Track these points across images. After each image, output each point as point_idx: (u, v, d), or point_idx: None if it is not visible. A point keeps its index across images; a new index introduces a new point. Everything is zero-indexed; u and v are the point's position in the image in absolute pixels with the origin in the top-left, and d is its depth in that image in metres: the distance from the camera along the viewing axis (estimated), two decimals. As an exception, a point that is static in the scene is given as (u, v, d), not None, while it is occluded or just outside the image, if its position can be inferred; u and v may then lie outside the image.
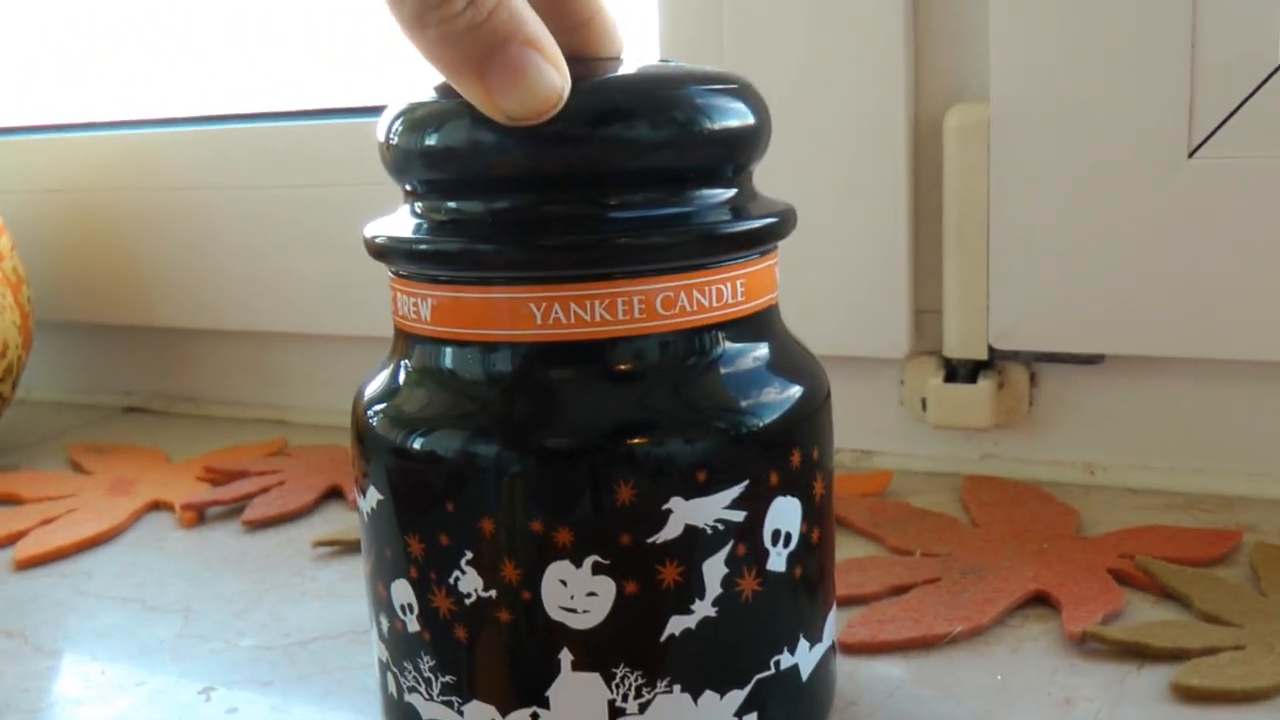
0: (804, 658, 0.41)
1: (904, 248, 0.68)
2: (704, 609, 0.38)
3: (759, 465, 0.38)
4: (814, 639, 0.42)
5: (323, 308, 0.87)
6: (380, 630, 0.42)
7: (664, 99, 0.38)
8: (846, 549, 0.61)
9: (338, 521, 0.70)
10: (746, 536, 0.38)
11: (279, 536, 0.69)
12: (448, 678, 0.40)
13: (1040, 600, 0.55)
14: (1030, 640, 0.52)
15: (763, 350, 0.41)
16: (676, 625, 0.38)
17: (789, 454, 0.39)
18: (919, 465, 0.73)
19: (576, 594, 0.37)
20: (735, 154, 0.40)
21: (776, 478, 0.39)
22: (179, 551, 0.68)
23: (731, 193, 0.40)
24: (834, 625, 0.44)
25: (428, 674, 0.40)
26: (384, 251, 0.40)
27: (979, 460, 0.71)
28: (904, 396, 0.72)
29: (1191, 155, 0.62)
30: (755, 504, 0.38)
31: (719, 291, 0.39)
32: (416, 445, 0.38)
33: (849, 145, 0.68)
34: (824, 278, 0.70)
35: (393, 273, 0.41)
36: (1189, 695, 0.47)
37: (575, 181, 0.37)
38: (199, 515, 0.72)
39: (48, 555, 0.67)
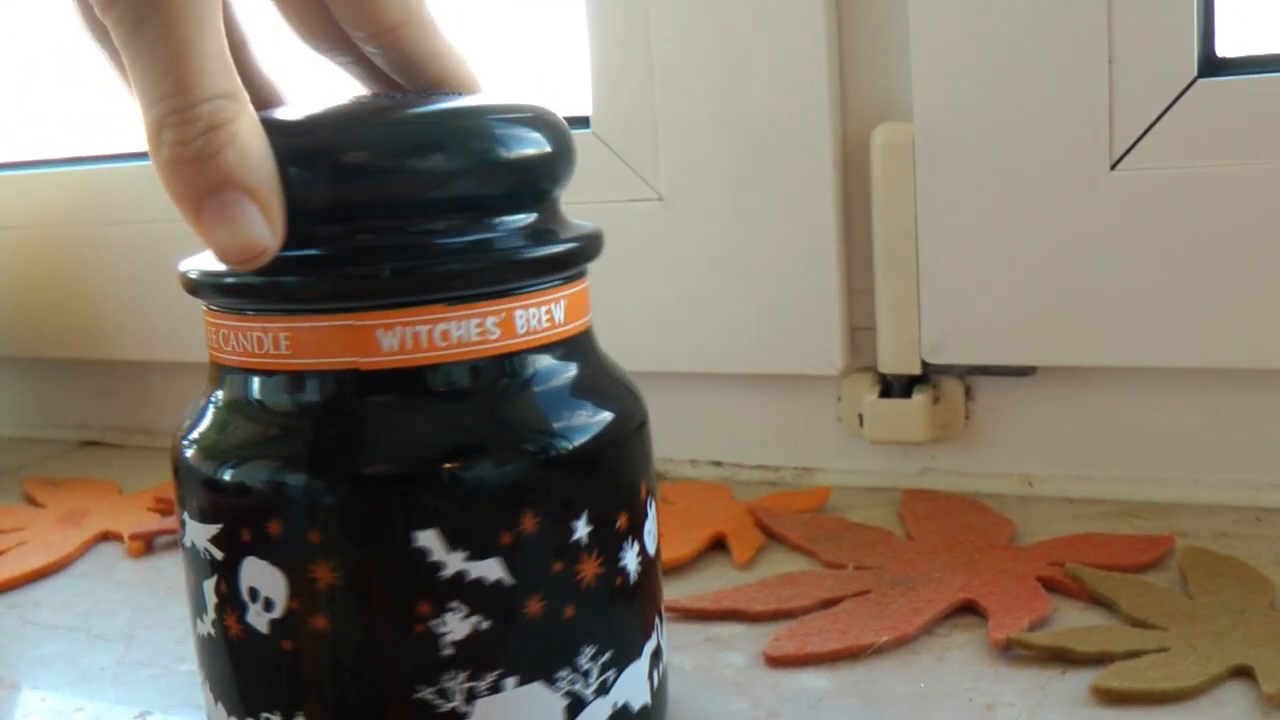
0: None
1: (835, 265, 0.69)
2: (204, 628, 0.41)
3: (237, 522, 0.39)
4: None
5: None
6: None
7: (461, 129, 0.39)
8: (780, 564, 0.62)
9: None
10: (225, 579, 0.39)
11: (224, 564, 0.69)
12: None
13: (969, 609, 0.56)
14: (956, 649, 0.53)
15: (571, 373, 0.41)
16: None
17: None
18: (858, 481, 0.73)
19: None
20: (534, 180, 0.40)
21: (249, 536, 0.39)
22: (126, 580, 0.68)
23: (533, 218, 0.41)
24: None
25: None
26: (195, 287, 0.41)
27: (917, 474, 0.72)
28: (841, 413, 0.73)
29: (1114, 167, 0.63)
30: (229, 551, 0.39)
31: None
32: (226, 476, 0.39)
33: (778, 166, 0.69)
34: (758, 297, 0.71)
35: (206, 306, 0.41)
36: (1109, 698, 0.47)
37: (379, 212, 0.38)
38: (147, 545, 0.73)
39: (-3, 587, 0.67)
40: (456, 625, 0.38)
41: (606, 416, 0.41)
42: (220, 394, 0.41)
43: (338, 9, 0.43)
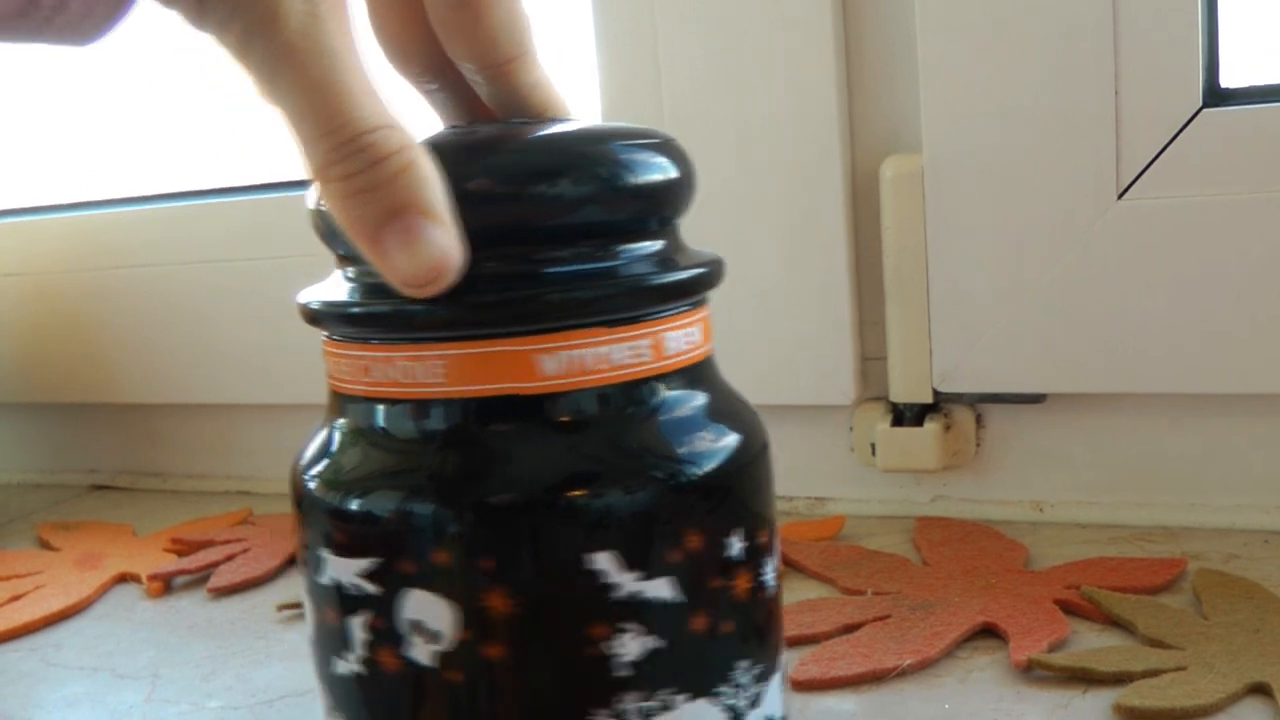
0: None
1: (847, 297, 0.70)
2: (351, 665, 0.39)
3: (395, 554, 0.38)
4: None
5: (283, 377, 0.88)
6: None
7: (587, 155, 0.38)
8: (799, 591, 0.63)
9: (301, 586, 0.71)
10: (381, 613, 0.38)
11: (244, 603, 0.70)
12: None
13: (989, 632, 0.56)
14: (978, 671, 0.53)
15: (704, 396, 0.41)
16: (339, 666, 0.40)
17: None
18: (871, 509, 0.74)
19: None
20: (660, 207, 0.40)
21: (413, 569, 0.38)
22: (146, 621, 0.69)
23: (659, 245, 0.41)
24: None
25: None
26: (317, 317, 0.40)
27: (930, 502, 0.73)
28: (854, 442, 0.74)
29: (1120, 197, 0.64)
30: (390, 585, 0.38)
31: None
32: (353, 506, 0.38)
33: (789, 199, 0.70)
34: (771, 329, 0.71)
35: (326, 336, 0.41)
36: (1131, 716, 0.48)
37: (503, 239, 0.38)
38: (165, 585, 0.73)
39: (16, 630, 0.68)
40: (630, 646, 0.38)
41: (742, 436, 0.41)
42: (373, 424, 0.40)
43: (451, 42, 0.43)
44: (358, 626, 0.38)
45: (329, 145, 0.34)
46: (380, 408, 0.39)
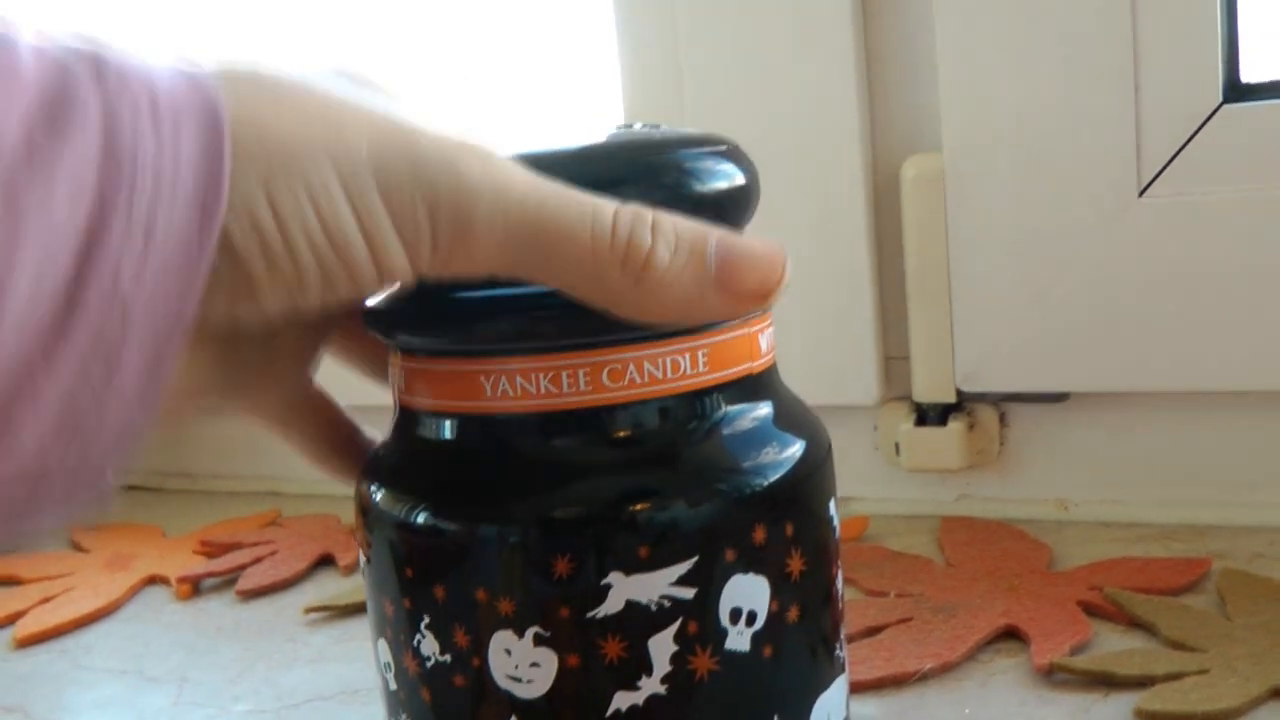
0: None
1: (869, 297, 0.70)
2: (651, 686, 0.37)
3: (717, 540, 0.38)
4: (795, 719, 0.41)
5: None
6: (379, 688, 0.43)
7: (654, 165, 0.38)
8: (823, 593, 0.63)
9: (329, 588, 0.72)
10: (698, 615, 0.37)
11: (272, 605, 0.70)
12: None
13: (1011, 635, 0.56)
14: (1000, 674, 0.53)
15: (765, 410, 0.41)
16: (623, 701, 0.37)
17: (750, 531, 0.38)
18: (896, 509, 0.74)
19: (520, 664, 0.37)
20: (726, 215, 0.39)
21: (734, 555, 0.38)
22: (175, 623, 0.69)
23: None
24: (839, 700, 0.42)
25: None
26: (383, 326, 0.40)
27: (954, 501, 0.73)
28: (878, 442, 0.74)
29: (1141, 195, 0.64)
30: (708, 582, 0.37)
31: (715, 354, 0.39)
32: (410, 518, 0.39)
33: (811, 200, 0.70)
34: (793, 329, 0.71)
35: (392, 347, 0.41)
36: (1153, 720, 0.48)
37: None
38: (194, 587, 0.74)
39: (47, 633, 0.69)
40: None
41: (806, 443, 0.41)
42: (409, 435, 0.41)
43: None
44: (665, 641, 0.37)
45: (610, 264, 0.34)
46: (446, 421, 0.40)
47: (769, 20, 0.69)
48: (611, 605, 0.36)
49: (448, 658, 0.38)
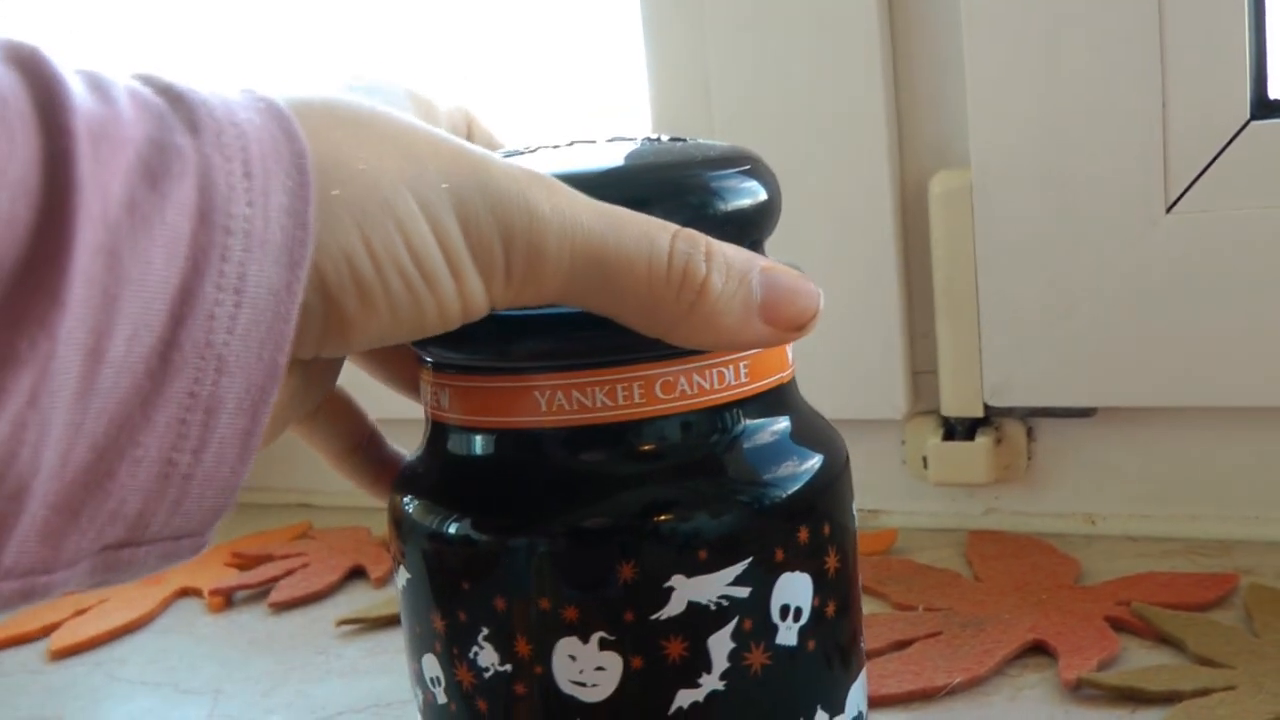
0: None
1: (897, 312, 0.71)
2: (711, 683, 0.38)
3: (769, 540, 0.39)
4: (834, 710, 0.42)
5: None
6: (418, 703, 0.44)
7: (679, 183, 0.38)
8: (851, 607, 0.63)
9: (360, 600, 0.72)
10: (752, 612, 0.39)
11: (304, 617, 0.71)
12: None
13: (1039, 650, 0.57)
14: (1028, 689, 0.54)
15: (783, 424, 0.41)
16: (684, 699, 0.38)
17: (796, 531, 0.39)
18: (924, 522, 0.74)
19: (585, 669, 0.38)
20: (750, 231, 0.40)
21: (782, 554, 0.39)
22: (208, 635, 0.70)
23: None
24: (862, 694, 0.44)
25: None
26: (414, 342, 0.40)
27: (982, 515, 0.73)
28: (906, 456, 0.74)
29: (1169, 210, 0.64)
30: (761, 580, 0.39)
31: (736, 370, 0.40)
32: (451, 530, 0.39)
33: (840, 215, 0.70)
34: (822, 344, 0.71)
35: (422, 362, 0.42)
36: (1180, 736, 0.49)
37: None
38: (227, 599, 0.74)
39: (82, 645, 0.69)
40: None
41: (825, 456, 0.42)
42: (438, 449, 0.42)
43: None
44: (723, 639, 0.38)
45: (665, 293, 0.35)
46: (477, 437, 0.40)
47: (797, 36, 0.70)
48: (674, 607, 0.37)
49: (508, 667, 0.39)
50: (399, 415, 0.45)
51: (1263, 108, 0.63)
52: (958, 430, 0.71)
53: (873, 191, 0.70)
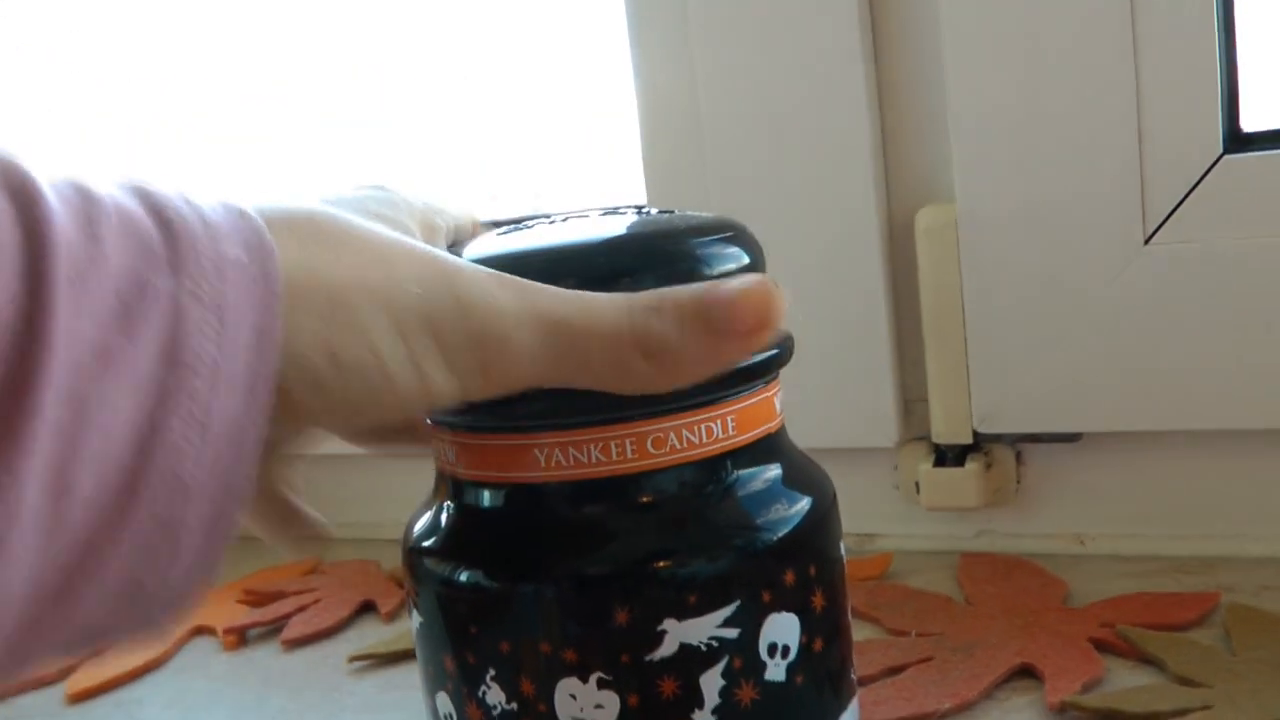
0: None
1: (887, 343, 0.73)
2: (704, 718, 0.40)
3: (756, 583, 0.41)
4: None
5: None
6: None
7: (668, 253, 0.41)
8: (846, 634, 0.65)
9: (372, 635, 0.74)
10: (742, 651, 0.41)
11: (316, 653, 0.73)
12: None
13: (1027, 672, 0.59)
14: (1015, 712, 0.55)
15: (774, 471, 0.43)
16: None
17: (782, 573, 0.41)
18: (917, 545, 0.76)
19: (585, 706, 0.40)
20: None
21: (769, 596, 0.41)
22: (223, 674, 0.72)
23: None
24: None
25: None
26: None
27: (974, 538, 0.75)
28: (899, 481, 0.76)
29: (1147, 242, 0.66)
30: (749, 621, 0.41)
31: (724, 424, 0.41)
32: (462, 578, 0.42)
33: (828, 250, 0.72)
34: (816, 375, 0.74)
35: (430, 421, 0.44)
36: (1158, 756, 0.50)
37: None
38: (240, 638, 0.76)
39: (99, 687, 0.71)
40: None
41: (813, 498, 0.44)
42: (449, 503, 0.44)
43: None
44: (714, 676, 0.40)
45: (632, 358, 0.36)
46: (485, 491, 0.42)
47: (784, 73, 0.72)
48: (667, 648, 0.40)
49: (514, 706, 0.41)
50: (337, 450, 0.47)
51: (1235, 141, 0.65)
52: (948, 456, 0.73)
53: (861, 226, 0.72)
